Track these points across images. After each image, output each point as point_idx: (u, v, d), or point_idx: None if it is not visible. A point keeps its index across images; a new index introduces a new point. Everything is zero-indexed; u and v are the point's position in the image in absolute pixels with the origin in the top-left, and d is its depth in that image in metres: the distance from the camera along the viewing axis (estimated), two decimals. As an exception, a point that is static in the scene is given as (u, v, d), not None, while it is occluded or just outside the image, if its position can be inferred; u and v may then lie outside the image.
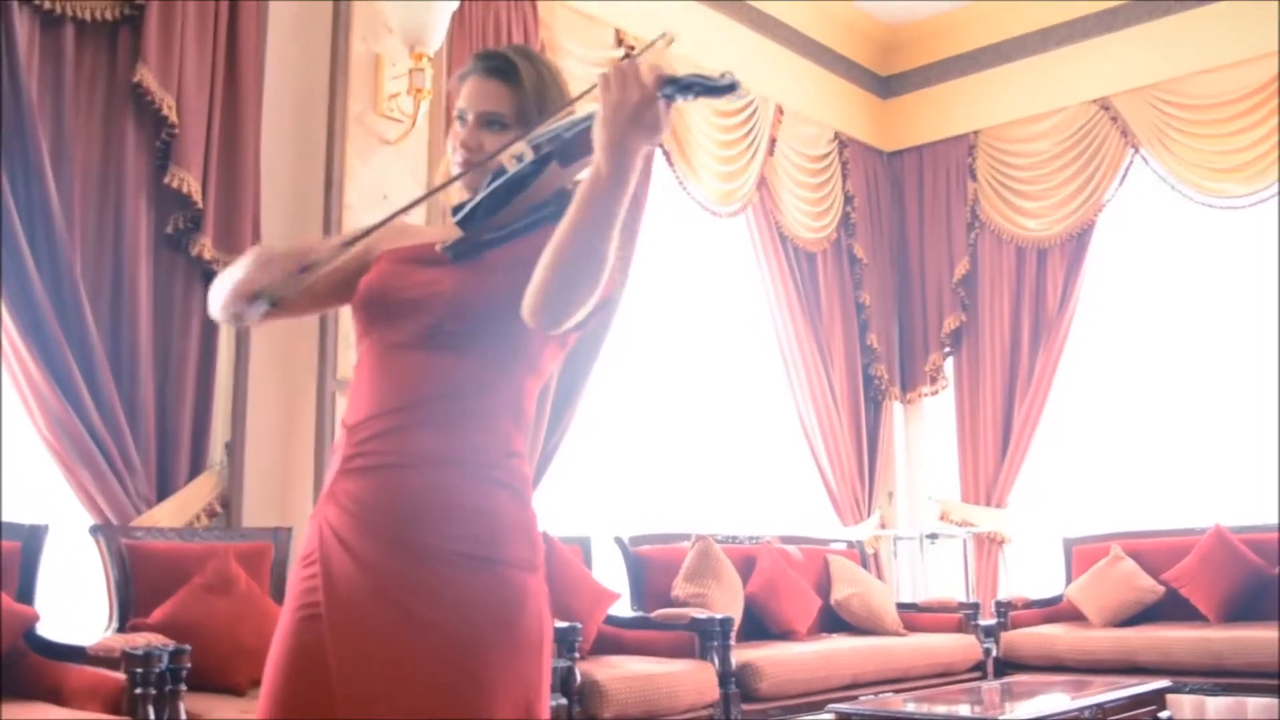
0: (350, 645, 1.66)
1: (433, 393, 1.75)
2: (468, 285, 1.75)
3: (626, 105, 1.51)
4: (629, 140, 1.52)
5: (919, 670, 5.77)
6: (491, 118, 1.84)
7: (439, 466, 1.72)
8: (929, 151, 7.96)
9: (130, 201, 4.23)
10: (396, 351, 1.76)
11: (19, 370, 3.88)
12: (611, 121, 1.52)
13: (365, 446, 1.74)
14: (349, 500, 1.73)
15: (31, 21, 4.05)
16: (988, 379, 7.51)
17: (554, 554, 4.95)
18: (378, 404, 1.75)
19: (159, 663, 3.16)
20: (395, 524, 1.69)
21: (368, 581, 1.67)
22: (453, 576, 1.67)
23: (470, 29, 5.31)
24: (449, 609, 1.66)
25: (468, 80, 1.89)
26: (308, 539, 1.77)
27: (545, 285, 1.62)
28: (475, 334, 1.76)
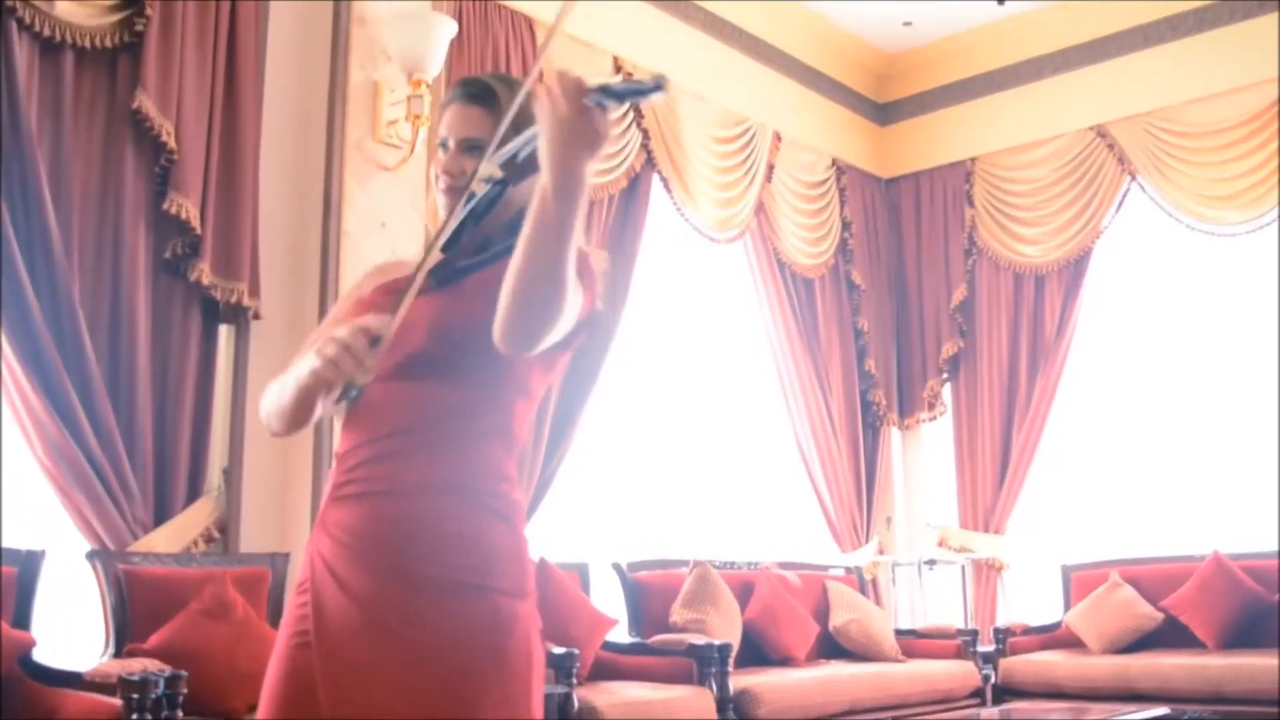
0: (340, 673, 1.66)
1: (422, 420, 1.75)
2: (449, 312, 1.76)
3: (559, 121, 1.49)
4: (569, 155, 1.50)
5: (917, 697, 5.74)
6: (472, 143, 1.86)
7: (431, 494, 1.73)
8: (926, 178, 7.99)
9: (129, 227, 4.24)
10: (384, 381, 1.76)
11: (16, 396, 3.88)
12: (551, 139, 1.50)
13: (355, 474, 1.75)
14: (338, 529, 1.73)
15: (31, 48, 4.06)
16: (986, 405, 7.51)
17: (552, 580, 4.95)
18: (367, 433, 1.77)
19: (155, 688, 3.15)
20: (387, 552, 1.70)
21: (358, 609, 1.68)
22: (445, 604, 1.68)
23: (468, 56, 5.33)
24: (441, 636, 1.66)
25: (449, 108, 1.91)
26: (302, 567, 1.78)
27: (507, 309, 1.62)
28: (460, 360, 1.77)
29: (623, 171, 6.11)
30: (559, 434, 5.63)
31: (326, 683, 1.66)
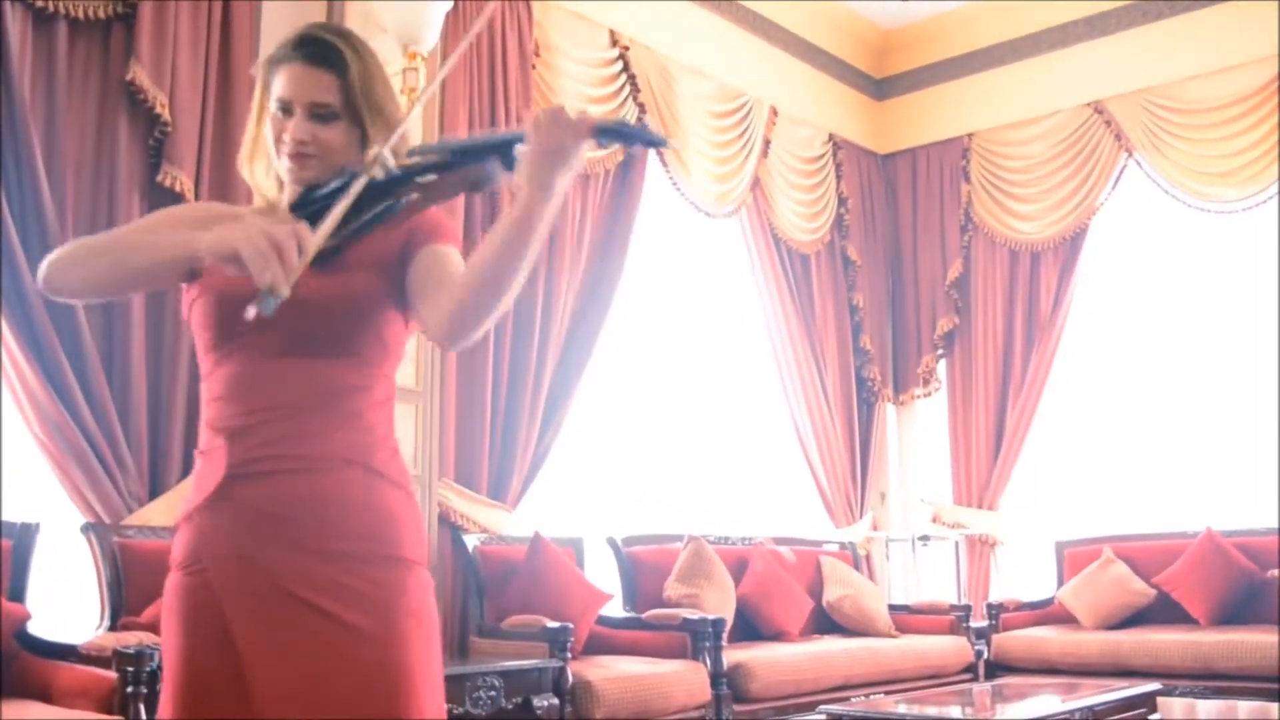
0: (268, 653, 1.66)
1: (319, 396, 1.74)
2: (336, 287, 1.74)
3: (557, 151, 1.57)
4: (556, 180, 1.59)
5: (910, 672, 5.77)
6: (320, 110, 1.80)
7: (335, 469, 1.73)
8: (923, 154, 7.97)
9: (123, 199, 4.22)
10: (274, 358, 1.74)
11: (12, 370, 3.88)
12: (540, 163, 1.58)
13: (256, 452, 1.72)
14: (243, 506, 1.71)
15: (24, 19, 4.04)
16: (980, 381, 7.52)
17: (546, 555, 4.96)
18: (262, 410, 1.73)
19: (151, 661, 3.15)
20: (298, 527, 1.70)
21: (275, 586, 1.68)
22: (362, 573, 1.70)
23: (463, 28, 5.30)
24: (365, 605, 1.68)
25: (285, 67, 1.82)
26: (185, 545, 1.76)
27: (464, 307, 1.67)
28: (348, 336, 1.76)
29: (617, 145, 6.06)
30: (553, 409, 5.63)
31: (249, 658, 1.66)
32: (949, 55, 7.83)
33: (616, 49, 6.19)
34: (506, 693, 4.08)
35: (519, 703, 4.13)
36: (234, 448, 1.73)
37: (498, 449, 5.37)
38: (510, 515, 5.32)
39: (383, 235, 1.76)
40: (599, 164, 5.98)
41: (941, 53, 7.86)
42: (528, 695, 4.16)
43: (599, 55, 6.12)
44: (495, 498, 5.30)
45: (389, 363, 1.83)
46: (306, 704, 1.64)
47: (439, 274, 1.76)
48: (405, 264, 1.78)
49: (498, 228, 1.63)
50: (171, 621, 1.75)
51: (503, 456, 5.38)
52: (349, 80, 1.80)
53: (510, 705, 4.10)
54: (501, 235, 1.61)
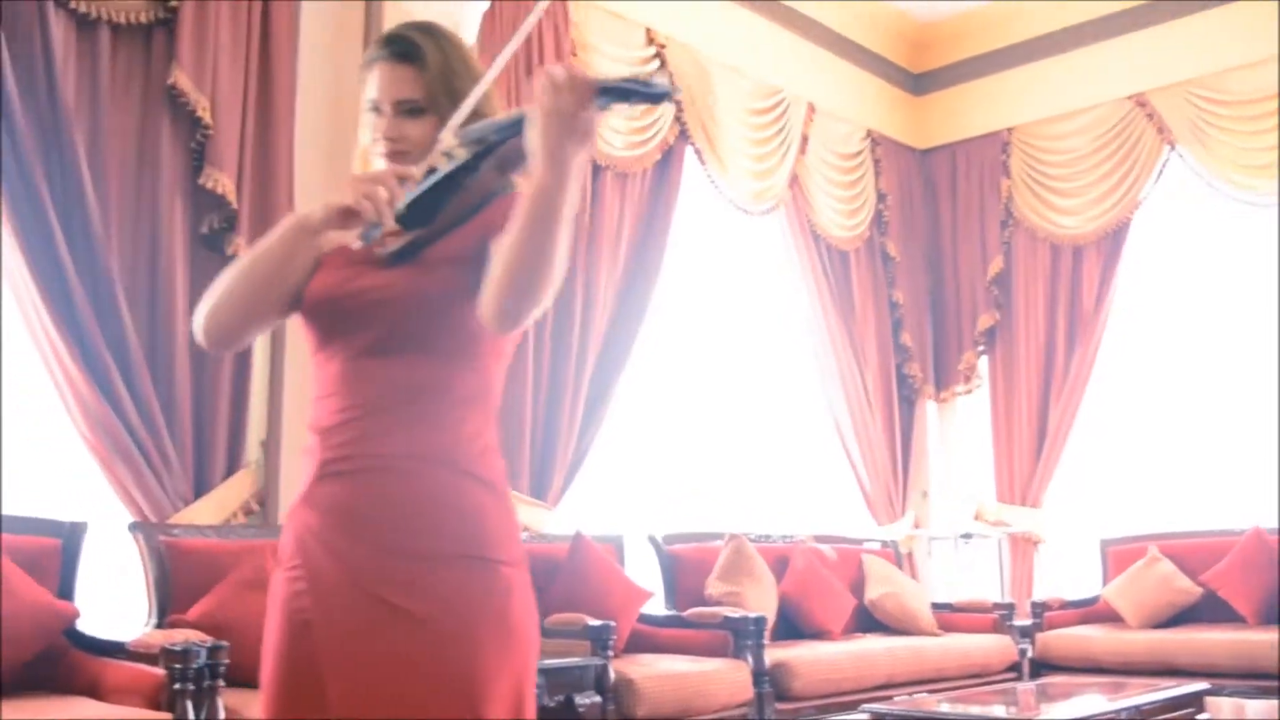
0: (343, 649, 1.66)
1: (405, 394, 1.74)
2: (416, 285, 1.74)
3: (560, 115, 1.51)
4: (564, 149, 1.52)
5: (953, 671, 5.74)
6: (408, 105, 1.81)
7: (417, 468, 1.72)
8: (962, 149, 7.92)
9: (166, 202, 4.27)
10: (362, 358, 1.75)
11: (58, 369, 3.92)
12: (547, 130, 1.52)
13: (340, 451, 1.73)
14: (330, 505, 1.72)
15: (67, 25, 4.09)
16: (1022, 378, 7.46)
17: (588, 553, 4.96)
18: (348, 409, 1.74)
19: (197, 659, 3.18)
20: (380, 526, 1.69)
21: (356, 583, 1.68)
22: (443, 575, 1.68)
23: (500, 28, 5.31)
24: (442, 606, 1.66)
25: (375, 67, 1.84)
26: (286, 544, 1.77)
27: (500, 291, 1.64)
28: (435, 331, 1.76)
29: (656, 144, 6.09)
30: (594, 407, 5.64)
31: (330, 658, 1.66)
32: (988, 49, 7.77)
33: (653, 47, 6.19)
34: (549, 690, 4.08)
35: (561, 701, 4.13)
36: (324, 446, 1.74)
37: (538, 447, 5.38)
38: (551, 513, 5.34)
39: (461, 231, 1.76)
40: (637, 163, 5.98)
41: (980, 46, 7.80)
42: (570, 693, 4.16)
43: (635, 54, 6.12)
44: (536, 496, 5.31)
45: (478, 359, 1.79)
46: (377, 704, 1.63)
47: None
48: (483, 258, 1.74)
49: (519, 206, 1.60)
50: (270, 619, 1.76)
51: (543, 455, 5.39)
52: (429, 73, 1.81)
53: (553, 703, 4.10)
54: (522, 213, 1.58)
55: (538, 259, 1.59)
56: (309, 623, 1.69)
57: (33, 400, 4.06)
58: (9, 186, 3.83)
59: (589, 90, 1.50)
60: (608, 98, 1.51)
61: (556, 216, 1.56)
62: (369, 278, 1.76)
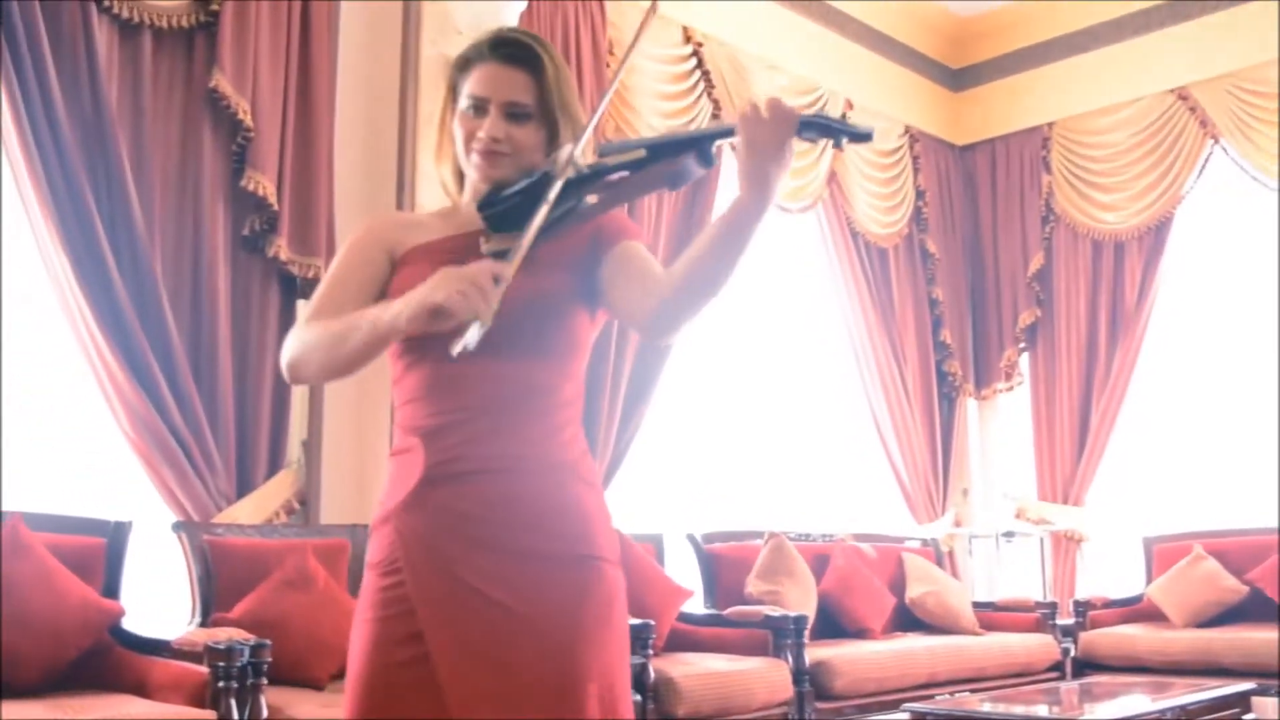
0: (457, 651, 1.67)
1: (513, 396, 1.75)
2: (525, 287, 1.72)
3: (766, 146, 1.57)
4: (770, 174, 1.58)
5: (995, 670, 5.70)
6: (516, 109, 1.80)
7: (531, 469, 1.74)
8: (1002, 144, 7.86)
9: (208, 204, 4.31)
10: (468, 359, 1.71)
11: (103, 370, 3.97)
12: (752, 156, 1.58)
13: (451, 453, 1.73)
14: (442, 508, 1.72)
15: (110, 30, 4.14)
16: (1064, 375, 7.40)
17: (627, 551, 4.95)
18: (455, 412, 1.75)
19: (241, 657, 3.21)
20: (495, 528, 1.71)
21: (469, 586, 1.69)
22: (557, 574, 1.71)
23: (538, 28, 5.32)
24: (555, 606, 1.69)
25: (480, 66, 1.82)
26: (383, 546, 1.76)
27: (672, 299, 1.68)
28: (541, 334, 1.77)
29: (694, 142, 6.06)
30: (633, 405, 5.64)
31: (442, 661, 1.67)
32: (1027, 43, 7.71)
33: (690, 46, 6.18)
34: (589, 689, 4.08)
35: (601, 699, 4.13)
36: (430, 449, 1.74)
37: (577, 447, 5.37)
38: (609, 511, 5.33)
39: (570, 233, 1.76)
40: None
41: (1020, 41, 7.74)
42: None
43: (673, 52, 6.12)
44: (575, 495, 5.31)
45: (577, 361, 1.83)
46: (495, 704, 1.65)
47: (640, 267, 1.78)
48: (596, 261, 1.78)
49: (713, 226, 1.64)
50: (363, 621, 1.75)
51: (582, 454, 5.39)
52: (544, 81, 1.81)
53: (592, 702, 4.10)
54: (718, 232, 1.63)
55: (719, 274, 1.66)
56: (415, 625, 1.69)
57: (78, 401, 4.10)
58: (54, 189, 3.87)
59: (793, 124, 1.57)
60: (810, 132, 1.59)
61: (749, 236, 1.63)
62: None
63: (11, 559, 3.30)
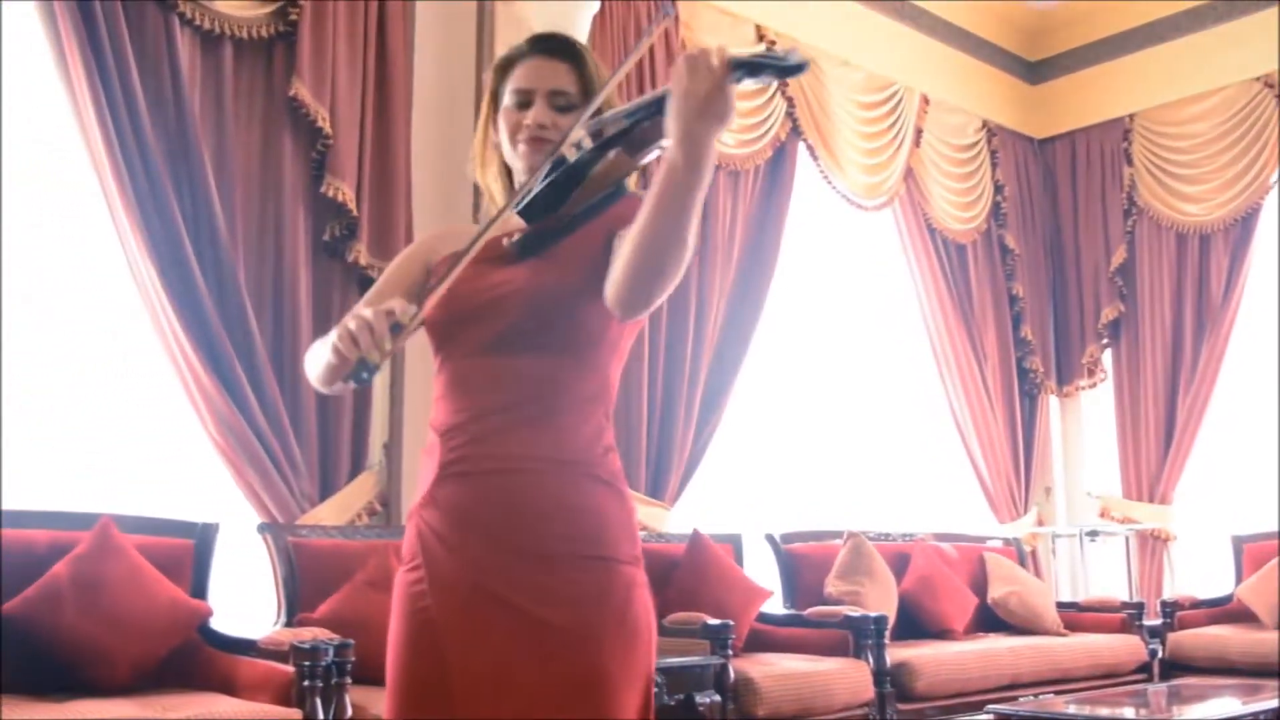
0: (466, 649, 1.67)
1: (523, 394, 1.73)
2: (541, 281, 1.72)
3: (696, 94, 1.47)
4: (700, 129, 1.48)
5: (1081, 671, 5.60)
6: (562, 99, 1.82)
7: (539, 468, 1.72)
8: (1082, 137, 7.74)
9: (289, 211, 4.37)
10: (482, 356, 1.75)
11: (189, 374, 4.05)
12: (682, 111, 1.48)
13: (461, 451, 1.73)
14: (450, 506, 1.73)
15: (193, 42, 4.23)
16: (1149, 371, 7.27)
17: (706, 552, 4.96)
18: (469, 409, 1.75)
19: (325, 656, 3.25)
20: (503, 529, 1.70)
21: (478, 584, 1.68)
22: (566, 575, 1.68)
23: (610, 29, 5.35)
24: (565, 606, 1.66)
25: (524, 63, 1.85)
26: (409, 542, 1.78)
27: (630, 274, 1.60)
28: (557, 329, 1.75)
29: (768, 141, 6.06)
30: (710, 405, 5.63)
31: (454, 655, 1.67)
32: (1107, 34, 7.59)
33: (763, 44, 6.16)
34: (669, 689, 4.08)
35: (681, 700, 4.13)
36: (444, 447, 1.75)
37: (654, 447, 5.39)
38: (668, 512, 5.34)
39: (588, 228, 1.75)
40: (748, 160, 5.97)
41: (1098, 31, 7.62)
42: (690, 692, 4.16)
43: (745, 50, 6.09)
44: (653, 495, 5.32)
45: (599, 358, 1.79)
46: (501, 703, 1.64)
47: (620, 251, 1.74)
48: (608, 255, 1.73)
49: (651, 189, 1.55)
50: (394, 619, 1.77)
51: (660, 454, 5.40)
52: (586, 71, 1.84)
53: (673, 702, 4.10)
54: (654, 194, 1.54)
55: (669, 239, 1.54)
56: (431, 621, 1.70)
57: (165, 406, 4.18)
58: (140, 198, 3.96)
59: (722, 68, 1.48)
60: (740, 72, 1.49)
61: (690, 196, 1.51)
62: (491, 275, 1.76)
63: (103, 560, 3.37)
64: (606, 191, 1.74)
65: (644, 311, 1.67)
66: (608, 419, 1.81)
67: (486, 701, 1.65)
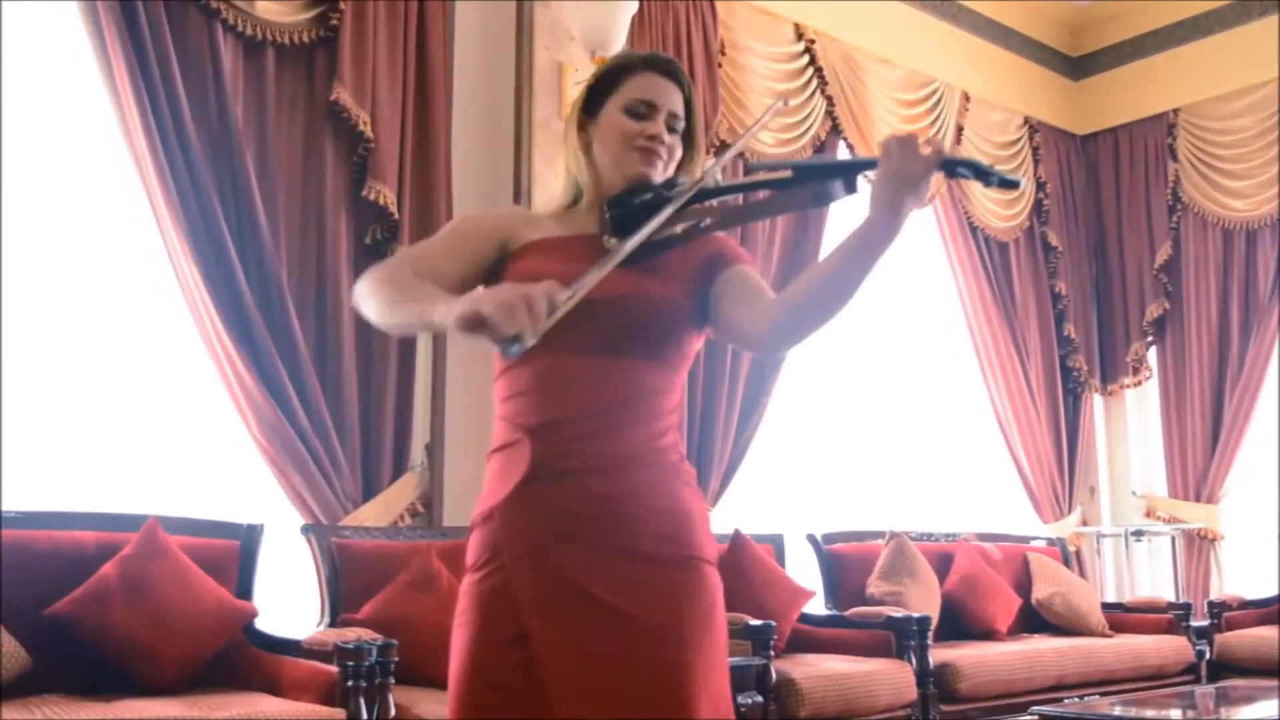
0: (558, 645, 1.68)
1: (626, 396, 1.76)
2: (651, 292, 1.78)
3: (907, 176, 1.60)
4: (903, 204, 1.63)
5: (1127, 672, 5.54)
6: (677, 121, 1.91)
7: (637, 470, 1.75)
8: (1125, 132, 7.66)
9: (331, 214, 4.40)
10: (583, 355, 1.76)
11: (233, 377, 4.09)
12: (888, 188, 1.62)
13: (559, 449, 1.74)
14: (547, 506, 1.74)
15: (235, 48, 4.27)
16: (1195, 369, 7.19)
17: (747, 552, 4.95)
18: (568, 408, 1.75)
19: (369, 656, 3.26)
20: (600, 528, 1.72)
21: (572, 584, 1.70)
22: (660, 575, 1.72)
23: (650, 30, 5.34)
24: (657, 605, 1.70)
25: (644, 77, 1.91)
26: (485, 544, 1.78)
27: (795, 313, 1.74)
28: (656, 337, 1.80)
29: (808, 139, 6.05)
30: (751, 405, 5.62)
31: (547, 660, 1.68)
32: (1149, 28, 7.51)
33: (802, 43, 6.14)
34: (710, 690, 4.07)
35: (723, 700, 4.12)
36: (537, 445, 1.76)
37: (695, 447, 5.38)
38: (710, 513, 5.33)
39: (690, 248, 1.85)
40: (787, 157, 5.95)
41: (1141, 26, 7.54)
42: (732, 692, 4.15)
43: (785, 50, 6.09)
44: (693, 496, 5.31)
45: (683, 371, 1.88)
46: (598, 703, 1.66)
47: (753, 291, 1.84)
48: (710, 279, 1.86)
49: (841, 246, 1.70)
50: (463, 622, 1.77)
51: (700, 454, 5.39)
52: (692, 103, 1.94)
53: (714, 702, 4.09)
54: (845, 253, 1.69)
55: (843, 292, 1.70)
56: (518, 622, 1.70)
57: (210, 409, 4.22)
58: (184, 202, 4.00)
59: (937, 161, 1.61)
60: (952, 168, 1.64)
61: (875, 258, 1.68)
62: None
63: (150, 561, 3.41)
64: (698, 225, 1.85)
65: (789, 348, 1.84)
66: (682, 427, 1.88)
67: (578, 699, 1.66)
